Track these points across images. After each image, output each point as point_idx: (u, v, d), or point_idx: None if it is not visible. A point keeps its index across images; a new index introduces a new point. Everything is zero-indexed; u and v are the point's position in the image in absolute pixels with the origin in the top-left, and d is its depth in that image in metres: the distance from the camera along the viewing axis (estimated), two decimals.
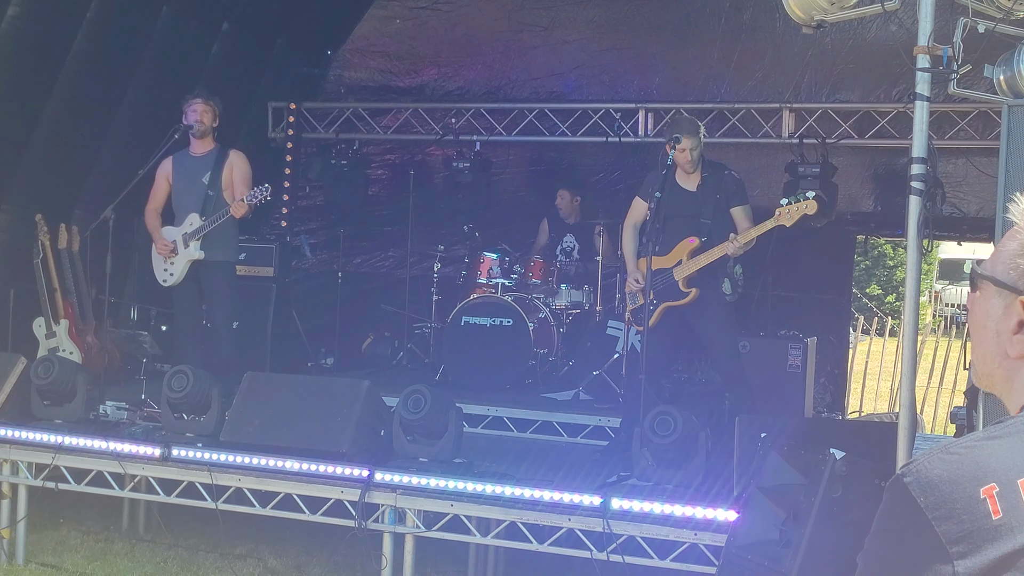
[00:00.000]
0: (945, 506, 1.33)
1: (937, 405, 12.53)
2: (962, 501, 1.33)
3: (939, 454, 1.38)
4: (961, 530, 1.32)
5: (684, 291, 6.59)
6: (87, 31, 8.28)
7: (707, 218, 6.64)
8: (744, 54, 9.78)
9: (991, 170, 8.38)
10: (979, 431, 1.42)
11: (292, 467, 5.75)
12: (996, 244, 1.57)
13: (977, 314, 1.54)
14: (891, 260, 22.18)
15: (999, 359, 1.51)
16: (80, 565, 6.17)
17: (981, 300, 1.54)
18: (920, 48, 4.49)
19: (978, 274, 1.54)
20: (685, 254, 6.61)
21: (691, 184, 6.71)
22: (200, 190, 7.40)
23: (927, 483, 1.35)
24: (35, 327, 8.02)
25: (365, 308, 10.25)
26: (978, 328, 1.54)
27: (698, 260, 6.56)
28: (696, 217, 6.66)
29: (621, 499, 5.23)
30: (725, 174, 6.77)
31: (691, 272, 6.58)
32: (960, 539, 1.31)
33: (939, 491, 1.34)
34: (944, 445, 1.40)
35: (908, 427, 4.46)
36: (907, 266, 4.56)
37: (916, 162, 4.49)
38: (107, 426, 6.54)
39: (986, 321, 1.52)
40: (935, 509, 1.33)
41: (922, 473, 1.36)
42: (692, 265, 6.58)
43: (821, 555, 4.38)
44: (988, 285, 1.52)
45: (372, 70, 10.98)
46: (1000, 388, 1.53)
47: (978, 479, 1.34)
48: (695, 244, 6.60)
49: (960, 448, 1.38)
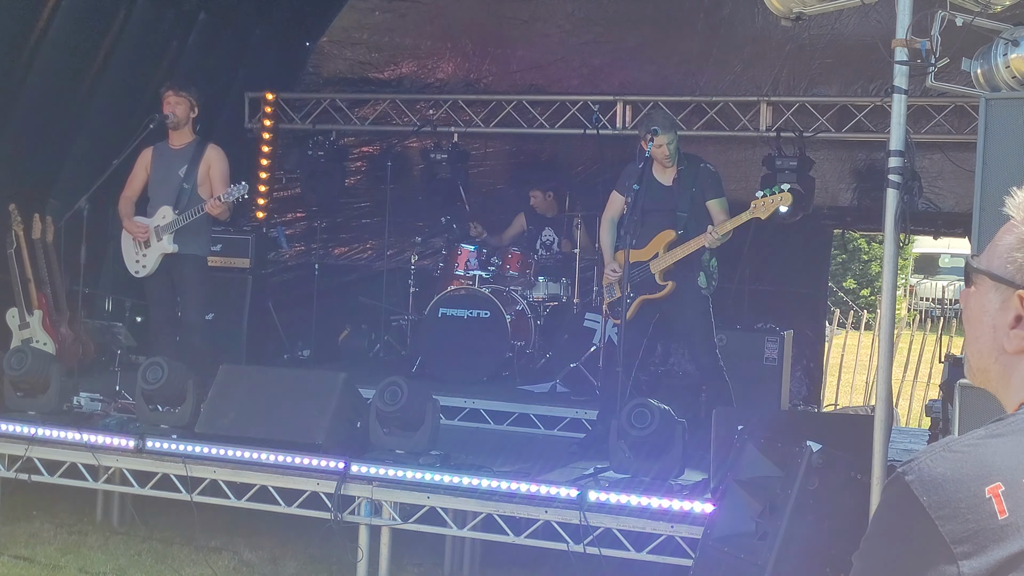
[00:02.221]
0: (949, 505, 1.30)
1: (912, 398, 12.59)
2: (966, 500, 1.30)
3: (941, 452, 1.35)
4: (966, 530, 1.29)
5: (660, 284, 6.62)
6: (62, 20, 8.20)
7: (683, 211, 6.67)
8: (723, 47, 9.79)
9: (967, 165, 8.42)
10: (980, 428, 1.39)
11: (267, 459, 5.73)
12: (972, 239, 1.55)
13: (972, 309, 1.51)
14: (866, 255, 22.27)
15: (996, 354, 1.48)
16: (53, 558, 6.11)
17: (976, 295, 1.50)
18: (898, 41, 4.49)
19: (973, 268, 1.51)
20: (662, 247, 6.63)
21: (667, 178, 6.74)
22: (175, 183, 7.34)
23: (930, 482, 1.32)
24: (8, 318, 7.95)
25: (342, 300, 10.22)
26: (973, 323, 1.51)
27: (675, 253, 6.59)
28: (673, 211, 6.69)
29: (598, 491, 5.24)
30: (701, 167, 6.80)
31: (668, 265, 6.61)
32: (965, 539, 1.28)
33: (943, 490, 1.31)
34: (945, 443, 1.36)
35: (884, 420, 4.47)
36: (884, 259, 4.57)
37: (894, 155, 4.50)
38: (81, 418, 6.50)
39: (982, 316, 1.49)
40: (939, 508, 1.30)
41: (925, 472, 1.33)
42: (669, 258, 6.60)
43: (797, 547, 4.39)
44: (984, 279, 1.49)
45: (350, 61, 10.93)
46: (996, 384, 1.50)
47: (983, 478, 1.31)
48: (672, 237, 6.62)
49: (962, 446, 1.35)
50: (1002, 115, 4.61)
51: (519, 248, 9.12)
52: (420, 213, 10.40)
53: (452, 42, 10.58)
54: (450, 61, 10.62)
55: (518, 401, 7.70)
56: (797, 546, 4.39)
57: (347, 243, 10.97)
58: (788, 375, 8.55)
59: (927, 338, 13.62)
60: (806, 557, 4.39)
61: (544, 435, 7.37)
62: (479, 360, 8.42)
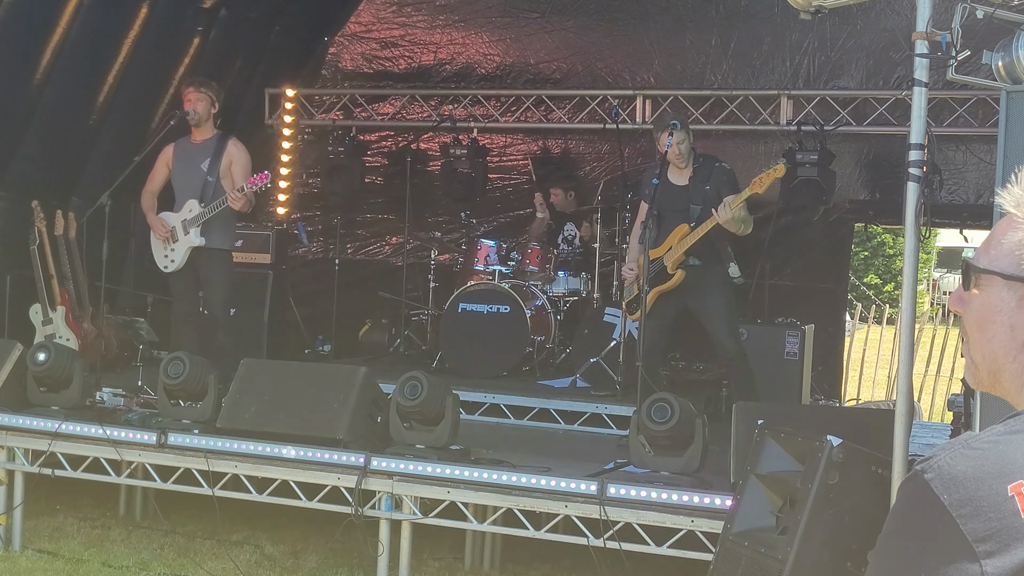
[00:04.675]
0: (971, 503, 1.27)
1: (935, 393, 12.54)
2: (988, 499, 1.27)
3: (961, 449, 1.32)
4: (988, 528, 1.26)
5: (670, 273, 6.78)
6: (84, 17, 8.25)
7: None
8: (742, 41, 9.76)
9: (990, 157, 8.38)
10: (998, 424, 1.36)
11: (288, 454, 5.75)
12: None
13: (979, 311, 1.46)
14: (890, 249, 22.17)
15: (1014, 353, 1.44)
16: (77, 551, 6.15)
17: (983, 296, 1.46)
18: (918, 34, 4.46)
19: (977, 269, 1.46)
20: (676, 240, 6.85)
21: (683, 179, 6.98)
22: (199, 177, 7.38)
23: (951, 480, 1.29)
24: (31, 314, 8.00)
25: (362, 295, 10.23)
26: (983, 325, 1.46)
27: (685, 241, 6.79)
28: (686, 209, 6.88)
29: (618, 486, 5.23)
30: (716, 166, 6.98)
31: (678, 255, 6.81)
32: (987, 537, 1.26)
33: (964, 488, 1.28)
34: (964, 440, 1.34)
35: (905, 414, 4.45)
36: (905, 252, 4.55)
37: (914, 148, 4.47)
38: (103, 412, 6.52)
39: (995, 316, 1.44)
40: (960, 507, 1.28)
41: (945, 469, 1.31)
42: (680, 248, 6.81)
43: (818, 542, 4.38)
44: (992, 279, 1.44)
45: (369, 56, 10.95)
46: (1008, 384, 1.46)
47: (1004, 475, 1.28)
48: (685, 230, 6.82)
49: (982, 443, 1.32)
50: (1023, 107, 4.58)
51: (539, 243, 9.11)
52: (439, 208, 10.41)
53: (470, 36, 10.58)
54: (468, 55, 10.62)
55: (538, 396, 7.70)
56: (817, 541, 4.38)
57: (367, 238, 10.99)
58: (808, 370, 8.53)
59: (950, 332, 13.55)
60: (826, 552, 4.38)
61: (564, 430, 7.38)
62: (499, 355, 8.42)
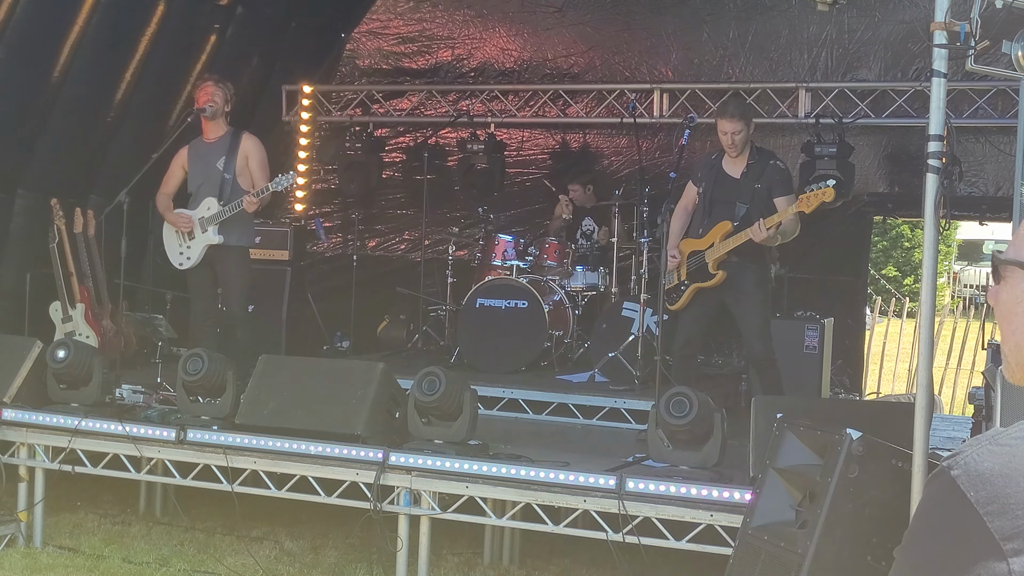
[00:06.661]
0: (998, 501, 1.25)
1: (955, 386, 12.47)
2: (1016, 496, 1.25)
3: (988, 445, 1.30)
4: (1016, 526, 1.24)
5: (711, 273, 6.64)
6: (101, 15, 8.27)
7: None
8: (759, 34, 9.71)
9: (1010, 149, 8.31)
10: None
11: (307, 449, 5.76)
12: (1014, 224, 1.49)
13: (1007, 303, 1.45)
14: (908, 242, 22.04)
15: None
16: (97, 548, 6.18)
17: (1008, 287, 1.45)
18: (937, 24, 4.43)
19: (1004, 261, 1.45)
20: (718, 237, 6.68)
21: (736, 170, 6.79)
22: (216, 175, 7.39)
23: (977, 477, 1.27)
24: (51, 311, 8.04)
25: (380, 291, 10.24)
26: (1008, 317, 1.45)
27: (727, 243, 6.65)
28: (733, 205, 6.74)
29: (637, 480, 5.22)
30: (771, 163, 6.80)
31: (720, 255, 6.66)
32: (1015, 536, 1.24)
33: (991, 485, 1.26)
34: (992, 435, 1.32)
35: (925, 407, 4.42)
36: (924, 244, 4.52)
37: (933, 139, 4.44)
38: (123, 409, 6.56)
39: (1017, 308, 1.43)
40: (987, 504, 1.26)
41: (971, 466, 1.28)
42: (722, 248, 6.66)
43: (838, 536, 4.36)
44: (1016, 271, 1.43)
45: (386, 52, 10.94)
46: None
47: None
48: (728, 228, 6.67)
49: (1010, 439, 1.30)
50: None
51: (557, 238, 9.10)
52: (457, 203, 10.41)
53: (486, 31, 10.56)
54: (484, 50, 10.61)
55: (556, 391, 7.69)
56: (837, 535, 4.36)
57: (384, 234, 11.00)
58: (828, 363, 8.49)
59: (971, 325, 13.47)
60: (846, 546, 4.36)
61: (583, 424, 7.37)
62: (517, 350, 8.41)
